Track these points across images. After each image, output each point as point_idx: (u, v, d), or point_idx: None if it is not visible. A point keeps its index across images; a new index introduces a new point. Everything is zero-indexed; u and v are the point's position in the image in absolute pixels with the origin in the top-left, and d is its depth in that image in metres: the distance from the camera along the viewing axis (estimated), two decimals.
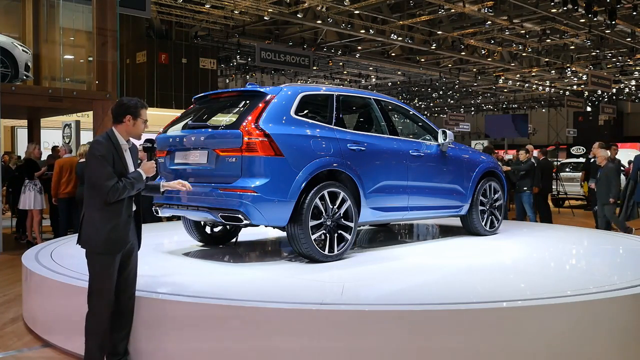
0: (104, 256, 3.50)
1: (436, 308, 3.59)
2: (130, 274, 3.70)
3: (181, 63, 22.44)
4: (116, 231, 3.50)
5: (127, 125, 3.59)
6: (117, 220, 3.50)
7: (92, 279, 3.54)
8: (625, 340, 3.85)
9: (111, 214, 3.49)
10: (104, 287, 3.52)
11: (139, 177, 3.56)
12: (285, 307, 3.60)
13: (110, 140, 3.54)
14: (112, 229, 3.48)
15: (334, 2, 17.74)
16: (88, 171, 3.55)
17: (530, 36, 21.98)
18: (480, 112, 44.64)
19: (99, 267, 3.52)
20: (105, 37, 10.83)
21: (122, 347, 3.74)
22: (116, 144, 3.55)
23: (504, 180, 6.84)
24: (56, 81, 11.69)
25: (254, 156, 4.60)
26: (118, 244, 3.54)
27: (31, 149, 10.14)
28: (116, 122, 3.61)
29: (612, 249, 6.18)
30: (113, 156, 3.49)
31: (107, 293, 3.53)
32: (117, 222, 3.50)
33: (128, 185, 3.48)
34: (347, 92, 5.71)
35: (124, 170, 3.55)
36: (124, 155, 3.59)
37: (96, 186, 3.45)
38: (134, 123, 3.60)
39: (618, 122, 40.18)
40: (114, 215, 3.50)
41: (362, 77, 31.39)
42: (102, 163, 3.44)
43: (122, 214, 3.53)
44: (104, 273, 3.51)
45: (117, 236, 3.52)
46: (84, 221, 3.55)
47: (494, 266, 5.12)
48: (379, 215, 5.48)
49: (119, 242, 3.54)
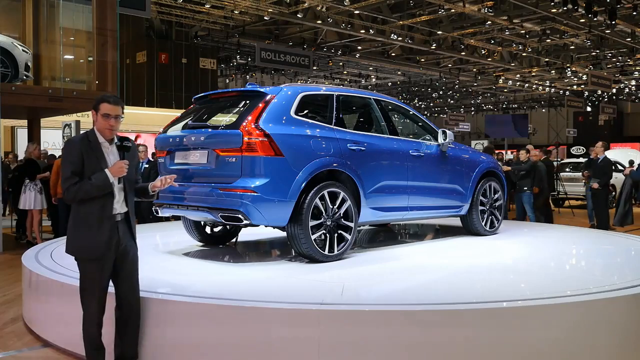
0: (85, 261, 3.41)
1: (436, 308, 3.59)
2: (127, 278, 3.56)
3: (181, 63, 22.46)
4: (88, 236, 3.36)
5: (95, 122, 3.43)
6: (88, 224, 3.35)
7: (80, 282, 3.48)
8: (625, 340, 3.85)
9: (82, 218, 3.36)
10: (90, 291, 3.43)
11: (101, 179, 3.32)
12: (285, 307, 3.60)
13: (87, 138, 3.40)
14: (85, 234, 3.36)
15: (334, 2, 17.74)
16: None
17: (530, 36, 21.99)
18: (480, 112, 44.65)
19: (83, 271, 3.44)
20: (105, 37, 10.83)
21: (130, 351, 3.66)
22: (93, 141, 3.39)
23: (504, 180, 6.84)
24: (56, 81, 11.69)
25: (254, 156, 4.60)
26: (93, 250, 3.37)
27: (32, 148, 10.14)
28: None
29: (612, 249, 6.18)
30: (83, 155, 3.32)
31: (93, 299, 3.43)
32: (87, 226, 3.36)
33: (87, 186, 3.28)
34: (347, 92, 5.71)
35: (99, 170, 3.35)
36: (102, 153, 3.40)
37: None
38: (96, 118, 3.41)
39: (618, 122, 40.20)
40: (85, 220, 3.36)
41: (362, 77, 31.40)
42: (66, 164, 3.32)
43: (95, 217, 3.36)
44: (88, 279, 3.42)
45: (90, 241, 3.36)
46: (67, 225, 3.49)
47: (494, 266, 5.12)
48: (379, 215, 5.48)
49: (94, 248, 3.37)
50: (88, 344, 3.49)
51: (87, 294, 3.45)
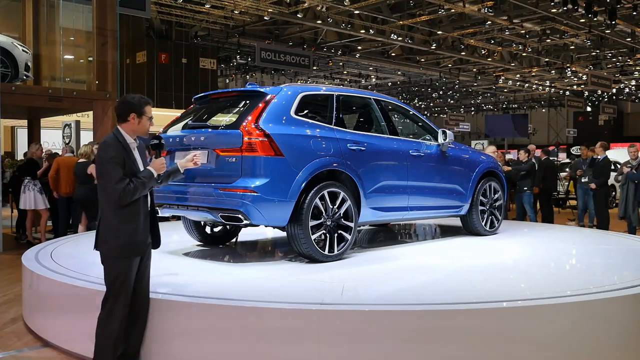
0: (124, 260, 3.43)
1: (436, 308, 3.59)
2: (145, 274, 3.64)
3: (181, 63, 22.47)
4: (136, 233, 3.44)
5: (132, 124, 3.50)
6: (137, 222, 3.44)
7: (111, 282, 3.44)
8: (625, 340, 3.85)
9: (129, 216, 3.41)
10: (123, 291, 3.44)
11: (150, 176, 3.47)
12: (285, 307, 3.60)
13: (118, 140, 3.45)
14: (132, 231, 3.42)
15: (334, 2, 17.74)
16: (99, 175, 3.48)
17: (530, 36, 21.99)
18: (480, 112, 44.64)
19: (118, 271, 3.43)
20: (105, 37, 10.83)
21: (134, 349, 3.68)
22: (124, 143, 3.46)
23: (504, 180, 6.84)
24: (56, 81, 11.70)
25: (254, 156, 4.60)
26: (139, 247, 3.47)
27: (34, 149, 10.18)
28: (121, 121, 3.52)
29: (612, 249, 6.18)
30: (123, 157, 3.41)
31: (125, 297, 3.45)
32: (136, 224, 3.44)
33: (140, 186, 3.40)
34: (347, 92, 5.71)
35: (135, 169, 3.47)
36: (133, 154, 3.50)
37: (108, 190, 3.38)
38: (139, 121, 3.51)
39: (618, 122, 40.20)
40: (133, 217, 3.42)
41: (362, 77, 31.41)
42: (113, 166, 3.36)
43: (140, 215, 3.46)
44: (123, 277, 3.43)
45: (138, 239, 3.45)
46: (101, 225, 3.45)
47: (494, 266, 5.12)
48: (379, 215, 5.48)
49: (140, 245, 3.47)
50: (105, 343, 3.45)
51: (119, 292, 3.44)
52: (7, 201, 11.20)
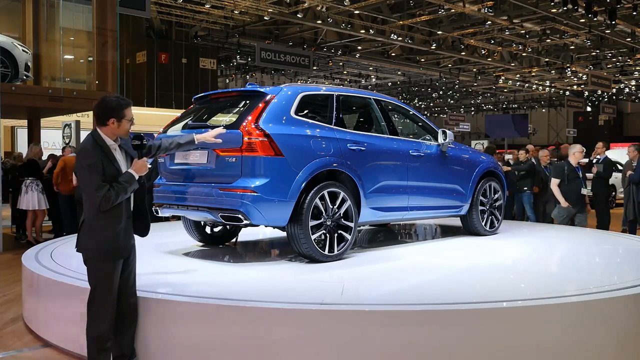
0: (107, 262, 3.42)
1: (436, 308, 3.59)
2: (130, 275, 3.63)
3: (181, 63, 22.45)
4: (118, 238, 3.41)
5: (112, 128, 3.42)
6: (118, 226, 3.41)
7: (95, 285, 3.44)
8: (625, 340, 3.85)
9: (111, 219, 3.38)
10: (107, 293, 3.43)
11: (130, 179, 3.41)
12: (285, 307, 3.60)
13: (96, 143, 3.39)
14: (113, 236, 3.39)
15: (334, 2, 17.74)
16: (79, 181, 3.47)
17: (530, 36, 21.99)
18: (480, 112, 44.65)
19: (101, 274, 3.42)
20: (105, 37, 10.83)
21: (129, 349, 3.69)
22: (103, 146, 3.40)
23: (504, 180, 6.84)
24: (56, 81, 11.70)
25: (254, 156, 4.60)
26: (120, 251, 3.46)
27: (36, 150, 10.17)
28: (100, 124, 3.43)
29: (612, 249, 6.18)
30: (102, 161, 3.34)
31: (110, 298, 3.44)
32: (117, 228, 3.41)
33: (120, 191, 3.35)
34: (347, 92, 5.71)
35: (116, 172, 3.41)
36: (113, 156, 3.44)
37: (88, 196, 3.36)
38: (119, 125, 3.43)
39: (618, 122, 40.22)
40: (114, 222, 3.39)
41: (362, 77, 31.41)
42: (90, 172, 3.30)
43: (122, 219, 3.44)
44: (106, 279, 3.42)
45: (119, 243, 3.43)
46: (83, 227, 3.45)
47: (494, 266, 5.12)
48: (379, 215, 5.48)
49: (122, 249, 3.46)
50: (96, 345, 3.45)
51: (104, 293, 3.43)
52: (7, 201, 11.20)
